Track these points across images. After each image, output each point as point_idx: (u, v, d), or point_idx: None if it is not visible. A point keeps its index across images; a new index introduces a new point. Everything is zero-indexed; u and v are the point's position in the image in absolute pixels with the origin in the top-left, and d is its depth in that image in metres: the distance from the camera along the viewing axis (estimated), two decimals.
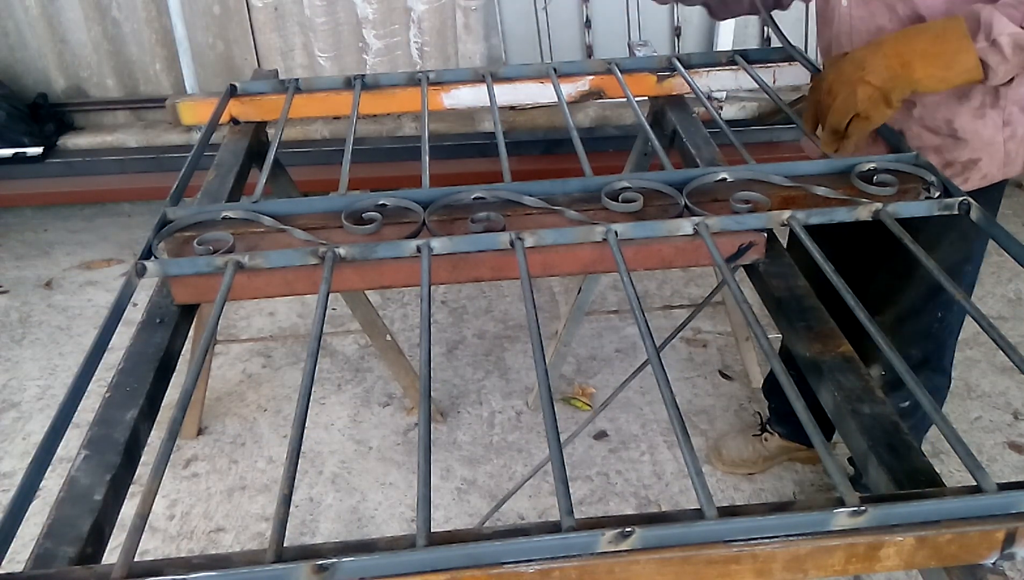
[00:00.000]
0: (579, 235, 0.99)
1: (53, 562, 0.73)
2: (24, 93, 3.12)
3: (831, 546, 0.68)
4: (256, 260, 0.98)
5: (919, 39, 1.13)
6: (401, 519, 2.03)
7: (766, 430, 2.11)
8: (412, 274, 1.02)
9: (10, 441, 2.28)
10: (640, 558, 0.66)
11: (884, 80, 1.13)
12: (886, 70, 1.12)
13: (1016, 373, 2.38)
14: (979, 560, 0.70)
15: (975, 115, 1.36)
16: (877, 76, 1.13)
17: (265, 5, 2.96)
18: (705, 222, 1.00)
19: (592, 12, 3.03)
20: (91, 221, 3.40)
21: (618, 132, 2.98)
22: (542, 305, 2.80)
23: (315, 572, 0.64)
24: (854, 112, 1.17)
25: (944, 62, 1.12)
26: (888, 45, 1.14)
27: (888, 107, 1.16)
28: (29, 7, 2.96)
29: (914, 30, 1.15)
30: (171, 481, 2.14)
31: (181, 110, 1.58)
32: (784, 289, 1.05)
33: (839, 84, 1.17)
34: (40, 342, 2.68)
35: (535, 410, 2.34)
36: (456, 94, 1.54)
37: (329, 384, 2.47)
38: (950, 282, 0.90)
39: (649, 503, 2.05)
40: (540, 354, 0.82)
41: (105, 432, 0.87)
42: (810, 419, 0.75)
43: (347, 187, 1.18)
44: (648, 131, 1.34)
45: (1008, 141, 1.38)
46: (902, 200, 1.05)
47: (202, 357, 0.87)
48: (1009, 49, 1.10)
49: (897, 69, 1.12)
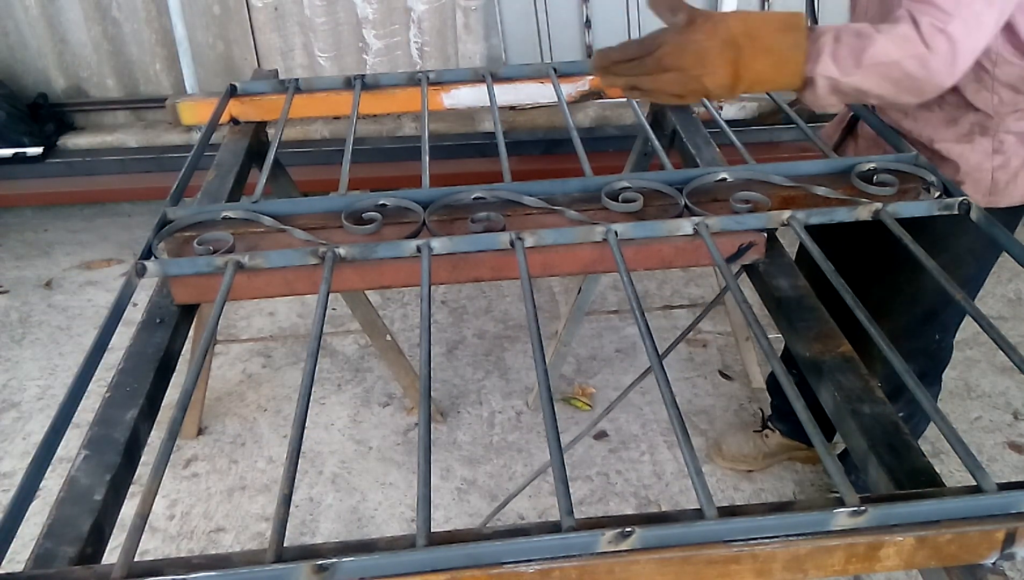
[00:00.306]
0: (579, 235, 0.99)
1: (53, 562, 0.73)
2: (24, 93, 3.12)
3: (831, 546, 0.68)
4: (256, 260, 0.98)
5: (761, 42, 1.05)
6: (401, 519, 2.03)
7: (767, 427, 2.12)
8: (412, 274, 1.02)
9: (10, 441, 2.28)
10: (640, 558, 0.66)
11: (717, 87, 1.06)
12: (723, 79, 1.05)
13: (1016, 373, 2.38)
14: (979, 560, 0.70)
15: (961, 140, 1.35)
16: (712, 81, 1.05)
17: (265, 5, 2.96)
18: (705, 222, 1.00)
19: (592, 12, 3.03)
20: (91, 221, 3.40)
21: (618, 132, 2.98)
22: (542, 305, 2.80)
23: (315, 572, 0.64)
24: (673, 95, 1.08)
25: (772, 76, 1.06)
26: (730, 50, 1.04)
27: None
28: (29, 7, 2.96)
29: (759, 25, 1.05)
30: (171, 481, 2.14)
31: (181, 110, 1.58)
32: (784, 289, 1.05)
33: (674, 65, 1.05)
34: (40, 342, 2.68)
35: (535, 410, 2.34)
36: (456, 94, 1.54)
37: (329, 384, 2.47)
38: (950, 282, 0.90)
39: (649, 503, 2.05)
40: (540, 354, 0.82)
41: (105, 432, 0.87)
42: (810, 419, 0.75)
43: (347, 187, 1.18)
44: (648, 131, 1.34)
45: (998, 170, 1.35)
46: (902, 200, 1.05)
47: (202, 357, 0.87)
48: (824, 91, 1.05)
49: (730, 81, 1.06)
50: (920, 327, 1.61)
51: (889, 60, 1.02)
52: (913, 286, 1.57)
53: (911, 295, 1.57)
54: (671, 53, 1.04)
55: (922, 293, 1.56)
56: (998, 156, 1.34)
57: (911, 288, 1.57)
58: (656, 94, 1.07)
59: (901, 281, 1.58)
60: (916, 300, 1.58)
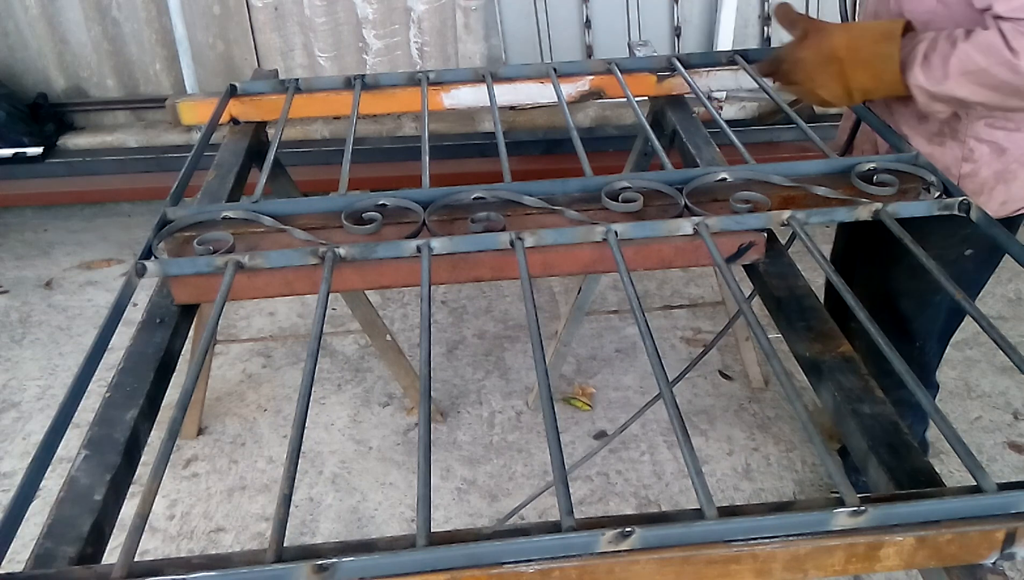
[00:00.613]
0: (579, 235, 0.99)
1: (53, 562, 0.73)
2: (24, 93, 3.12)
3: (831, 546, 0.68)
4: (256, 260, 0.98)
5: (859, 55, 1.16)
6: (401, 519, 2.03)
7: None
8: (412, 274, 1.02)
9: (10, 441, 2.28)
10: (640, 558, 0.66)
11: (833, 97, 1.22)
12: (834, 91, 1.20)
13: (1016, 373, 2.38)
14: (979, 560, 0.70)
15: (932, 141, 1.35)
16: (827, 93, 1.21)
17: (265, 5, 2.96)
18: (705, 222, 1.00)
19: (592, 12, 3.03)
20: (91, 221, 3.40)
21: (618, 132, 2.99)
22: (542, 305, 2.80)
23: (315, 572, 0.64)
24: (809, 101, 1.27)
25: (877, 86, 1.18)
26: (833, 64, 1.18)
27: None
28: (29, 7, 2.96)
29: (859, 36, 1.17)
30: (171, 481, 2.14)
31: (181, 110, 1.58)
32: (784, 289, 1.05)
33: (793, 80, 1.24)
34: (40, 342, 2.68)
35: (535, 410, 2.34)
36: (456, 94, 1.54)
37: (329, 384, 2.47)
38: (950, 282, 0.90)
39: (649, 503, 2.05)
40: (540, 354, 0.82)
41: (105, 432, 0.87)
42: (810, 419, 0.75)
43: (347, 187, 1.18)
44: (648, 131, 1.34)
45: (965, 178, 1.35)
46: (902, 200, 1.05)
47: (202, 357, 0.87)
48: (922, 100, 1.14)
49: (842, 92, 1.20)
50: (893, 335, 1.61)
51: (977, 68, 1.06)
52: (882, 291, 1.57)
53: (881, 301, 1.57)
54: (788, 72, 1.21)
55: (893, 298, 1.57)
56: (967, 164, 1.34)
57: (881, 293, 1.57)
58: (793, 93, 1.27)
59: (872, 288, 1.59)
60: (887, 306, 1.57)
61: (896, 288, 1.56)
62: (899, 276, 1.55)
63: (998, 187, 1.34)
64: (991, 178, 1.34)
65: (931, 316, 1.55)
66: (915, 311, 1.57)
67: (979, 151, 1.32)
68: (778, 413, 2.28)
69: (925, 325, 1.59)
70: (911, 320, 1.58)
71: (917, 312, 1.57)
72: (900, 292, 1.56)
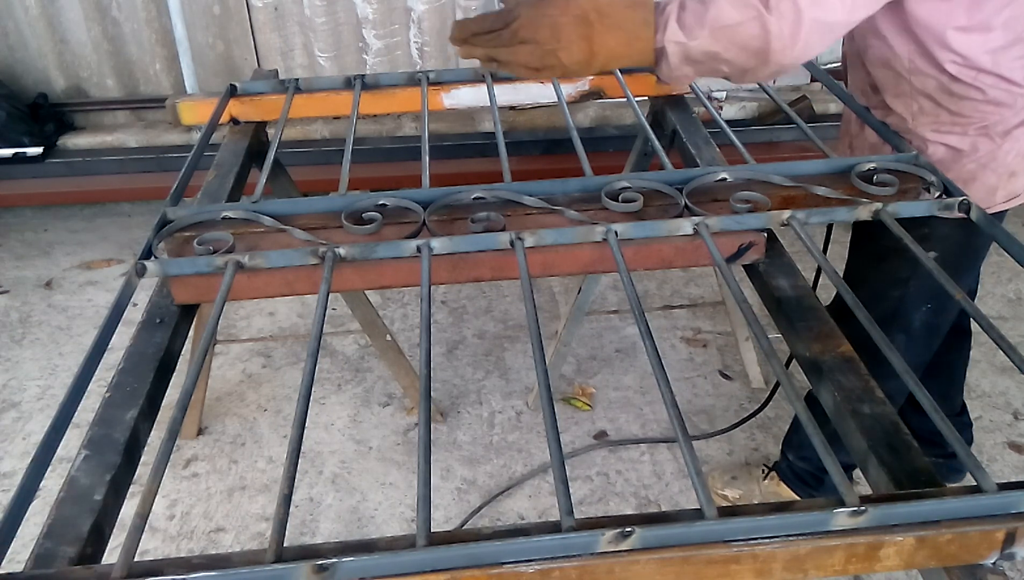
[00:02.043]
0: (579, 235, 0.99)
1: (53, 562, 0.73)
2: (24, 93, 3.11)
3: (831, 546, 0.68)
4: (256, 260, 0.98)
5: (612, 19, 1.05)
6: (401, 519, 2.03)
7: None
8: (412, 274, 1.02)
9: (10, 441, 2.28)
10: (640, 558, 0.66)
11: (573, 63, 1.07)
12: (578, 54, 1.06)
13: (1016, 373, 2.38)
14: (979, 560, 0.70)
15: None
16: (568, 57, 1.06)
17: (265, 5, 2.96)
18: (705, 222, 1.00)
19: None
20: (91, 221, 3.40)
21: (618, 132, 2.98)
22: (542, 305, 2.80)
23: (315, 572, 0.64)
24: (531, 68, 1.09)
25: (626, 52, 1.07)
26: (582, 26, 1.05)
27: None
28: (29, 7, 2.96)
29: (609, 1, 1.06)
30: (171, 481, 2.14)
31: (181, 110, 1.58)
32: (784, 289, 1.05)
33: (529, 38, 1.06)
34: (40, 342, 2.68)
35: (535, 410, 2.34)
36: (456, 94, 1.55)
37: (329, 384, 2.47)
38: (951, 282, 0.90)
39: (649, 503, 2.05)
40: (540, 354, 0.82)
41: (105, 432, 0.87)
42: (810, 419, 0.75)
43: (347, 187, 1.18)
44: (648, 131, 1.34)
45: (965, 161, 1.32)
46: (902, 200, 1.05)
47: (202, 357, 0.87)
48: (676, 60, 1.05)
49: (586, 57, 1.06)
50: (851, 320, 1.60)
51: (732, 22, 1.00)
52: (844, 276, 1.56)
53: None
54: (526, 26, 1.05)
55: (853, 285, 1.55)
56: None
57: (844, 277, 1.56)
58: (513, 67, 1.08)
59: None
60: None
61: (854, 275, 1.55)
62: (859, 263, 1.55)
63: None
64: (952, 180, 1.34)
65: (889, 310, 1.51)
66: (870, 302, 1.53)
67: (935, 151, 1.31)
68: (778, 413, 2.28)
69: (882, 319, 1.54)
70: (868, 310, 1.55)
71: (873, 303, 1.53)
72: (858, 279, 1.53)
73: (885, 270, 1.48)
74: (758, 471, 2.02)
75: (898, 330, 1.54)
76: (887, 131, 1.29)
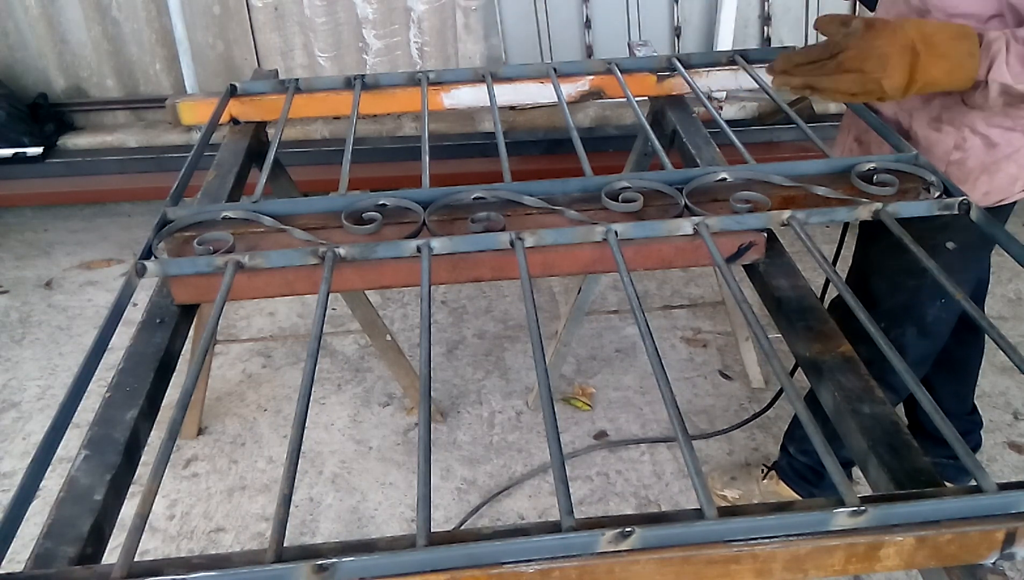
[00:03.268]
0: (579, 235, 0.99)
1: (53, 562, 0.73)
2: (24, 93, 3.12)
3: (831, 546, 0.68)
4: (256, 260, 0.98)
5: (938, 49, 1.12)
6: (401, 519, 2.03)
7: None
8: (412, 274, 1.02)
9: (10, 441, 2.28)
10: (640, 558, 0.66)
11: (893, 88, 1.13)
12: (900, 81, 1.13)
13: (1016, 373, 2.38)
14: (979, 560, 0.70)
15: (931, 124, 1.35)
16: (890, 83, 1.13)
17: (265, 5, 2.96)
18: (705, 222, 1.00)
19: (592, 12, 3.03)
20: (91, 221, 3.40)
21: (618, 132, 2.98)
22: (542, 305, 2.80)
23: (315, 572, 0.64)
24: (848, 94, 1.17)
25: (946, 80, 1.14)
26: (909, 55, 1.12)
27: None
28: (29, 7, 2.96)
29: (934, 32, 1.14)
30: (171, 481, 2.14)
31: (181, 110, 1.58)
32: (784, 289, 1.05)
33: (855, 67, 1.13)
34: (40, 342, 2.68)
35: (535, 410, 2.34)
36: (456, 94, 1.54)
37: (329, 384, 2.47)
38: (951, 282, 0.90)
39: (649, 503, 2.05)
40: (540, 354, 0.82)
41: (105, 432, 0.87)
42: (810, 419, 0.75)
43: (347, 187, 1.18)
44: (648, 131, 1.34)
45: (952, 165, 1.36)
46: (902, 200, 1.05)
47: (202, 357, 0.87)
48: (995, 94, 1.13)
49: (906, 83, 1.13)
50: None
51: None
52: (856, 267, 1.58)
53: (854, 277, 1.58)
54: (854, 57, 1.14)
55: (866, 276, 1.57)
56: (957, 152, 1.35)
57: (854, 269, 1.58)
58: (831, 93, 1.17)
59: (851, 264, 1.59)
60: (859, 284, 1.58)
61: (869, 265, 1.56)
62: (874, 253, 1.55)
63: (982, 177, 1.36)
64: (977, 168, 1.35)
65: (903, 301, 1.53)
66: (886, 292, 1.55)
67: (971, 142, 1.33)
68: (778, 413, 2.28)
69: (895, 310, 1.56)
70: (880, 301, 1.56)
71: (888, 294, 1.55)
72: (872, 269, 1.55)
73: (904, 260, 1.49)
74: (758, 471, 2.03)
75: (910, 322, 1.56)
76: (887, 130, 1.29)
